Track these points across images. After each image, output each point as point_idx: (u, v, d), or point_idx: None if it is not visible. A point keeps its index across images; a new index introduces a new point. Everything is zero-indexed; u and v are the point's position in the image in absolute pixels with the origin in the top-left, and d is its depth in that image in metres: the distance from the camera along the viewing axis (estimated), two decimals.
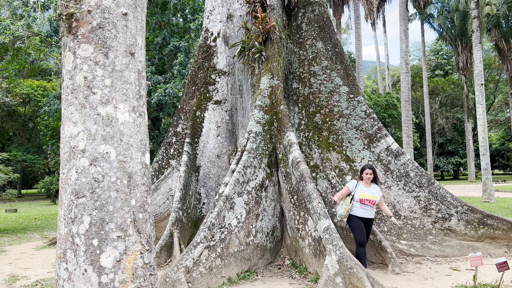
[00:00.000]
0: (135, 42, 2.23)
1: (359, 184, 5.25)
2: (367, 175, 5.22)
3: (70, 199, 2.01)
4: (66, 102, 2.12)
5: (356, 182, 5.31)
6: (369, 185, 5.25)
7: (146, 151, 2.22)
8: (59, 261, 2.02)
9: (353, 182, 5.36)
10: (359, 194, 5.15)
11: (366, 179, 5.24)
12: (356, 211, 5.14)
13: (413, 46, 55.22)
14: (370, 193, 5.17)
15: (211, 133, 7.92)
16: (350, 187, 5.28)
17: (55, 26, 17.85)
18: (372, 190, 5.22)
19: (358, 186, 5.22)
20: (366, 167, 5.26)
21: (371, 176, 5.23)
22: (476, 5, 16.20)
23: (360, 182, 5.28)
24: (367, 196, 5.14)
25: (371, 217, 5.21)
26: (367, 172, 5.23)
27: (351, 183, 5.33)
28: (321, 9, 7.94)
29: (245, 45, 7.55)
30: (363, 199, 5.12)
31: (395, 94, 29.37)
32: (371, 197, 5.15)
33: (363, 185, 5.24)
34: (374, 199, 5.16)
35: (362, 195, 5.14)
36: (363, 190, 5.18)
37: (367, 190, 5.19)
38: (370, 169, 5.23)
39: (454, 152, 39.96)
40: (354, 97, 7.26)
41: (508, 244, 6.17)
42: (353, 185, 5.28)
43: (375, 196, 5.19)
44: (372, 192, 5.20)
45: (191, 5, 18.97)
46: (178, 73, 16.31)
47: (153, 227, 2.21)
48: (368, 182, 5.25)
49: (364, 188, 5.22)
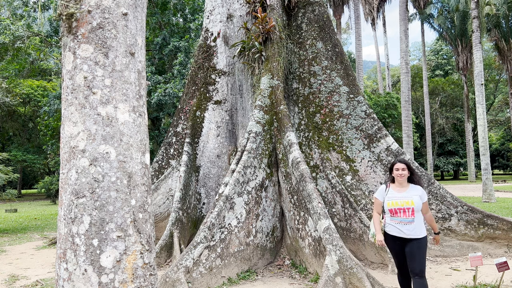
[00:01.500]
0: (135, 42, 2.23)
1: (390, 189, 3.88)
2: (398, 172, 3.80)
3: (70, 199, 2.01)
4: (66, 102, 2.12)
5: (385, 187, 3.94)
6: (404, 187, 3.83)
7: (146, 151, 2.22)
8: (59, 261, 2.02)
9: (381, 188, 3.99)
10: (387, 203, 3.79)
11: (398, 178, 3.82)
12: (388, 227, 3.79)
13: (413, 46, 55.24)
14: (402, 198, 3.73)
15: (211, 133, 7.92)
16: (378, 195, 3.93)
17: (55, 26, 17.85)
18: (407, 193, 3.77)
19: (388, 192, 3.87)
20: (396, 161, 3.88)
21: (404, 173, 3.79)
22: (476, 5, 16.20)
23: (392, 186, 3.90)
24: (398, 204, 3.71)
25: (411, 236, 3.64)
26: (397, 167, 3.81)
27: (379, 190, 3.99)
28: (321, 9, 7.93)
29: (245, 45, 7.55)
30: (393, 208, 3.73)
31: (395, 94, 29.36)
32: (405, 204, 3.69)
33: (395, 189, 3.85)
34: (410, 205, 3.67)
35: (391, 203, 3.75)
36: (392, 196, 3.79)
37: (398, 195, 3.78)
38: (402, 163, 3.82)
39: (454, 152, 39.96)
40: (354, 97, 7.26)
41: (508, 244, 6.17)
42: (382, 191, 3.93)
43: (411, 201, 3.69)
44: (406, 196, 3.74)
45: (191, 5, 18.97)
46: (178, 73, 16.31)
47: (153, 227, 2.21)
48: (402, 182, 3.83)
49: (394, 193, 3.81)
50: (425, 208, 3.85)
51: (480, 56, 15.94)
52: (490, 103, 42.56)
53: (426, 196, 3.84)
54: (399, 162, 3.84)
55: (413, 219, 3.67)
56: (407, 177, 3.84)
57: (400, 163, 3.83)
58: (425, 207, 3.84)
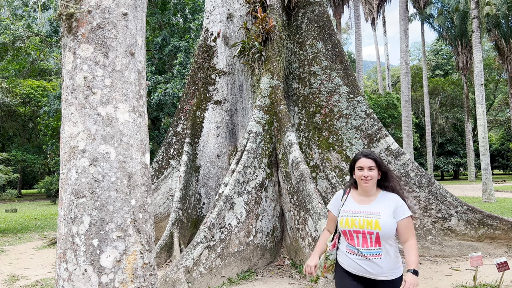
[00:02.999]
0: (135, 42, 2.23)
1: (348, 197, 2.54)
2: (362, 173, 2.43)
3: (70, 199, 2.01)
4: (66, 102, 2.12)
5: (342, 194, 2.61)
6: (370, 196, 2.46)
7: (146, 151, 2.22)
8: (59, 261, 2.02)
9: (337, 194, 2.65)
10: (340, 220, 2.46)
11: (362, 183, 2.45)
12: (342, 258, 2.48)
13: (413, 46, 55.23)
14: (363, 214, 2.39)
15: (211, 133, 7.92)
16: (332, 206, 2.63)
17: (55, 26, 17.85)
18: (372, 207, 2.41)
19: (345, 202, 2.53)
20: (360, 155, 2.49)
21: (372, 174, 2.42)
22: (476, 5, 16.20)
23: (352, 193, 2.56)
24: (355, 224, 2.38)
25: (377, 276, 2.34)
26: (361, 165, 2.45)
27: (334, 198, 2.66)
28: (321, 9, 7.94)
29: (245, 45, 7.55)
30: (347, 230, 2.40)
31: (395, 94, 29.36)
32: (365, 225, 2.35)
33: (356, 198, 2.50)
34: (373, 228, 2.32)
35: (346, 222, 2.41)
36: (349, 210, 2.46)
37: (359, 208, 2.44)
38: (369, 158, 2.45)
39: (454, 152, 39.96)
40: (354, 97, 7.26)
41: (508, 244, 6.17)
42: (337, 200, 2.61)
43: (375, 221, 2.34)
44: (370, 212, 2.39)
45: (191, 5, 18.97)
46: (178, 73, 16.31)
47: (153, 227, 2.21)
48: (367, 190, 2.45)
49: (354, 204, 2.48)
50: (406, 232, 2.32)
51: (480, 56, 15.94)
52: (490, 103, 42.56)
53: (407, 211, 2.36)
54: (364, 157, 2.42)
55: (379, 251, 2.29)
56: (377, 180, 2.45)
57: (365, 158, 2.41)
58: (405, 229, 2.32)
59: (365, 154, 2.49)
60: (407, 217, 2.37)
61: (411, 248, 2.35)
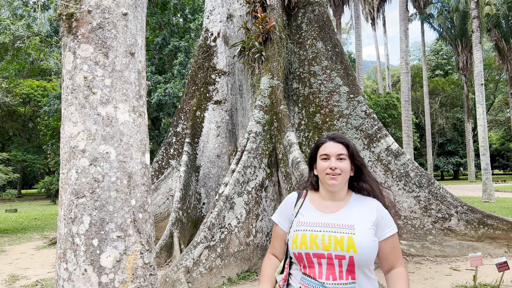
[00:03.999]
0: (135, 42, 2.23)
1: (306, 202, 1.69)
2: (327, 164, 1.59)
3: (70, 199, 2.01)
4: (66, 102, 2.12)
5: (295, 198, 1.73)
6: (339, 201, 1.63)
7: (146, 151, 2.22)
8: (59, 261, 2.02)
9: (288, 199, 1.76)
10: (293, 238, 1.57)
11: (328, 180, 1.58)
12: None
13: (413, 46, 55.24)
14: (330, 226, 1.54)
15: (211, 133, 7.92)
16: (278, 217, 1.75)
17: (55, 26, 17.85)
18: (342, 216, 1.57)
19: (300, 209, 1.66)
20: (325, 138, 1.66)
21: (343, 167, 1.59)
22: (476, 5, 16.20)
23: (310, 196, 1.71)
24: (317, 244, 1.50)
25: None
26: (326, 152, 1.61)
27: (283, 204, 1.77)
28: (321, 9, 7.94)
29: (245, 45, 7.55)
30: (304, 253, 1.52)
31: (395, 94, 29.37)
32: (332, 244, 1.48)
33: (317, 204, 1.66)
34: (344, 250, 1.46)
35: (302, 241, 1.53)
36: (307, 222, 1.59)
37: (321, 219, 1.58)
38: (339, 142, 1.63)
39: (454, 152, 39.96)
40: (354, 97, 7.26)
41: (508, 244, 6.17)
42: (289, 206, 1.73)
43: (347, 238, 1.48)
44: (339, 224, 1.54)
45: (191, 5, 18.97)
46: (178, 73, 16.31)
47: (153, 227, 2.21)
48: (336, 190, 1.61)
49: (314, 212, 1.62)
50: (392, 256, 1.59)
51: (480, 56, 15.94)
52: (490, 103, 42.57)
53: (394, 225, 1.59)
54: (331, 141, 1.63)
55: (353, 285, 1.50)
56: (349, 178, 1.65)
57: (333, 142, 1.63)
58: (392, 252, 1.58)
59: (332, 136, 1.64)
60: (394, 235, 1.56)
61: (400, 280, 1.55)
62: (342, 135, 1.68)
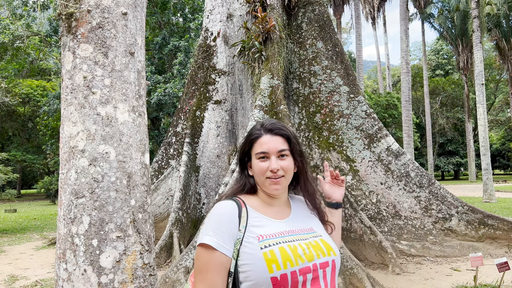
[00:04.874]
0: (134, 42, 2.22)
1: (251, 212, 1.26)
2: (265, 165, 1.27)
3: (69, 199, 2.00)
4: (65, 102, 2.11)
5: (236, 209, 1.24)
6: (283, 205, 1.35)
7: (145, 151, 2.21)
8: (59, 261, 2.01)
9: (226, 213, 1.22)
10: (265, 256, 1.14)
11: (267, 183, 1.27)
12: None
13: (414, 46, 55.21)
14: (297, 232, 1.26)
15: (211, 133, 7.91)
16: (218, 241, 1.16)
17: (54, 26, 17.84)
18: (296, 218, 1.33)
19: (249, 220, 1.22)
20: (261, 130, 1.33)
21: (285, 165, 1.28)
22: (477, 4, 16.19)
23: (251, 202, 1.30)
24: (297, 252, 1.17)
25: None
26: (264, 150, 1.28)
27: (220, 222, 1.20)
28: (321, 9, 7.93)
29: (245, 44, 7.54)
30: (288, 274, 1.13)
31: (395, 94, 29.36)
32: (311, 252, 1.20)
33: (265, 210, 1.29)
34: (327, 254, 1.23)
35: (284, 255, 1.15)
36: (273, 232, 1.22)
37: (282, 225, 1.27)
38: (279, 135, 1.32)
39: (454, 152, 39.95)
40: (354, 97, 7.25)
41: (508, 245, 6.16)
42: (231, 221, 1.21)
43: (318, 239, 1.27)
44: (300, 224, 1.31)
45: (191, 5, 18.96)
46: (178, 73, 16.30)
47: (153, 227, 2.21)
48: (278, 194, 1.29)
49: (269, 221, 1.26)
50: None
51: (481, 55, 15.93)
52: (490, 103, 42.56)
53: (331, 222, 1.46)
54: (268, 134, 1.32)
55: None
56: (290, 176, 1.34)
57: (271, 135, 1.32)
58: None
59: (269, 127, 1.32)
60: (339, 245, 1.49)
61: None
62: (282, 124, 1.34)
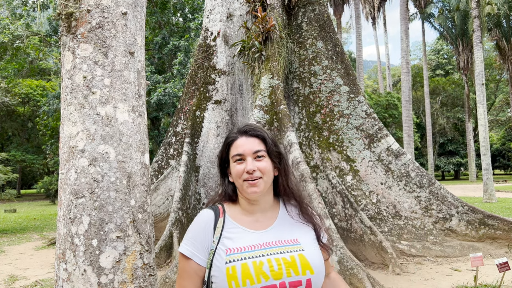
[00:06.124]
0: (134, 42, 2.22)
1: (228, 221, 1.26)
2: (242, 167, 1.25)
3: (69, 199, 1.99)
4: (65, 102, 2.11)
5: (213, 217, 1.26)
6: (267, 211, 1.30)
7: (145, 151, 2.21)
8: (58, 262, 2.00)
9: (200, 221, 1.26)
10: (227, 271, 1.15)
11: (245, 186, 1.23)
12: None
13: (414, 46, 55.19)
14: (272, 245, 1.21)
15: (211, 133, 7.90)
16: (192, 250, 1.22)
17: (54, 26, 17.84)
18: (280, 227, 1.27)
19: (224, 231, 1.23)
20: (236, 133, 1.32)
21: (262, 167, 1.25)
22: (477, 4, 16.18)
23: (231, 211, 1.30)
24: (262, 269, 1.13)
25: None
26: (239, 152, 1.27)
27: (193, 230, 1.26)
28: (321, 8, 7.92)
29: (245, 44, 7.53)
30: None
31: (395, 94, 29.36)
32: (281, 269, 1.15)
33: (242, 220, 1.27)
34: (301, 273, 1.15)
35: (244, 272, 1.13)
36: (242, 245, 1.20)
37: (257, 236, 1.23)
38: (253, 136, 1.30)
39: (455, 152, 39.94)
40: (354, 97, 7.25)
41: (509, 245, 6.15)
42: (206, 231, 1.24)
43: (296, 254, 1.19)
44: (281, 235, 1.25)
45: (190, 5, 18.95)
46: (178, 73, 16.29)
47: (153, 228, 2.20)
48: (257, 198, 1.26)
49: (244, 231, 1.24)
50: (327, 261, 1.35)
51: (481, 55, 15.93)
52: (491, 103, 42.55)
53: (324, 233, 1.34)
54: (243, 136, 1.31)
55: None
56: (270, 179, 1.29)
57: (246, 136, 1.30)
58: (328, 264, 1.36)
59: (244, 129, 1.32)
60: (328, 239, 1.36)
61: (341, 282, 1.41)
62: (257, 126, 1.33)
